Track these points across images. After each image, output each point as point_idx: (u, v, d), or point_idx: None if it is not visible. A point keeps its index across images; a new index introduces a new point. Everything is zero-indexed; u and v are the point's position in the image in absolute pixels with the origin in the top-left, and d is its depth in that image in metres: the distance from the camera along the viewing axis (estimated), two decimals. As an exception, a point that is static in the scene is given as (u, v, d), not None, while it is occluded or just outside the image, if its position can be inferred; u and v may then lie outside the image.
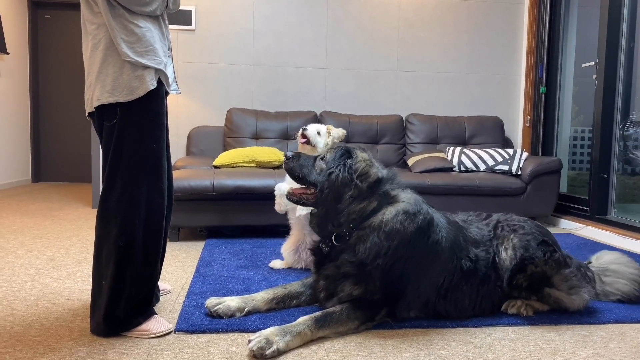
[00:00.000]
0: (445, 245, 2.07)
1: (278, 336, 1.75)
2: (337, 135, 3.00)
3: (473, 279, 2.11)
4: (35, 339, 1.83)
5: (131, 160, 1.83)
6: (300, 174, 2.10)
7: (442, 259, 2.05)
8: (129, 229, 1.83)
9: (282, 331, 1.78)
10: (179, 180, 3.43)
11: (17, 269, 2.73)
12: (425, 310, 2.07)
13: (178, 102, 4.80)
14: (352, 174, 2.03)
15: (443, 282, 2.06)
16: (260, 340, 1.71)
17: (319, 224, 2.11)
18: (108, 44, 1.82)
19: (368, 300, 1.98)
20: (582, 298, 2.14)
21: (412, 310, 2.07)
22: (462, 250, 2.12)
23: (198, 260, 2.98)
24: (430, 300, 2.06)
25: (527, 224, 2.25)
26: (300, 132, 2.95)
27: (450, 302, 2.08)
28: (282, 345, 1.74)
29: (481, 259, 2.14)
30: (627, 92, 4.18)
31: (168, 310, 2.15)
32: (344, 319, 1.92)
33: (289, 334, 1.78)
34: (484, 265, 2.14)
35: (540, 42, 5.03)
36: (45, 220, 4.18)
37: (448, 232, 2.11)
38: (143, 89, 1.83)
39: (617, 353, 1.83)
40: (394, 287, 2.00)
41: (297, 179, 2.13)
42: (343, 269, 2.01)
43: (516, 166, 4.27)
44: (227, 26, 4.93)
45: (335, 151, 2.12)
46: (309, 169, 2.10)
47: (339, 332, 1.90)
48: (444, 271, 2.06)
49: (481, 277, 2.12)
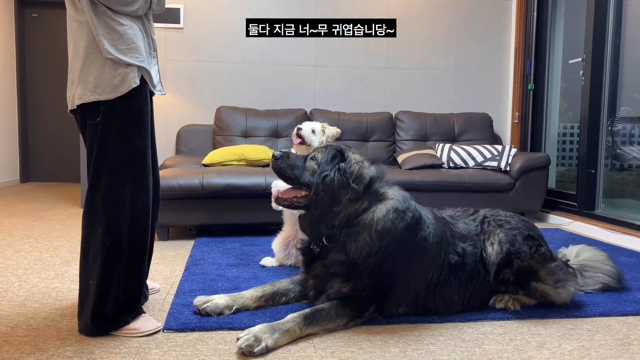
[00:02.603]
0: (433, 241, 2.08)
1: (267, 334, 1.75)
2: (331, 133, 3.00)
3: (461, 273, 2.12)
4: (23, 339, 1.81)
5: (115, 158, 1.82)
6: (291, 174, 2.06)
7: (430, 254, 2.07)
8: (114, 228, 1.82)
9: (271, 328, 1.78)
10: (168, 179, 3.41)
11: (4, 270, 2.71)
12: (415, 306, 2.08)
13: (167, 100, 4.78)
14: (348, 178, 2.01)
15: (432, 277, 2.07)
16: (248, 338, 1.72)
17: (312, 226, 2.09)
18: (90, 42, 1.81)
19: (357, 297, 1.99)
20: (569, 291, 2.16)
21: (401, 307, 2.08)
22: (450, 245, 2.13)
23: (187, 259, 2.97)
24: (420, 295, 2.07)
25: (513, 219, 2.27)
26: (294, 132, 2.93)
27: (439, 297, 2.09)
28: (270, 342, 1.74)
29: (469, 253, 2.16)
30: (614, 88, 4.22)
31: (157, 309, 2.14)
32: (333, 315, 1.92)
33: (278, 331, 1.78)
34: (472, 260, 2.15)
35: (528, 38, 5.07)
36: (33, 220, 4.15)
37: (435, 228, 2.12)
38: (126, 87, 1.81)
39: (602, 345, 1.85)
40: (382, 284, 2.01)
41: (287, 179, 2.09)
42: (333, 269, 2.02)
43: (505, 162, 4.29)
44: (216, 24, 4.92)
45: (327, 152, 2.09)
46: (300, 169, 2.06)
47: (327, 329, 1.91)
48: (432, 266, 2.07)
49: (469, 272, 2.14)
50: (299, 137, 2.91)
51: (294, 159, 2.10)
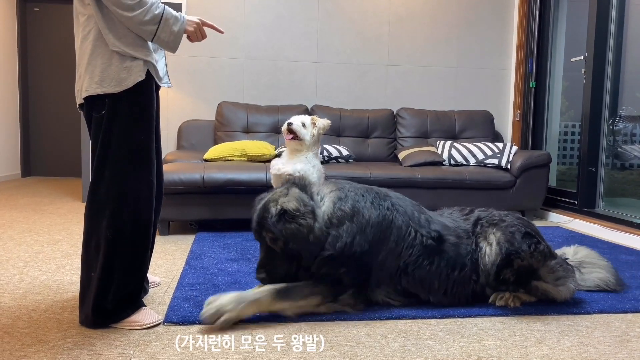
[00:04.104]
0: (396, 215, 2.11)
1: (232, 304, 1.84)
2: (321, 125, 2.99)
3: (438, 259, 2.12)
4: (24, 330, 1.82)
5: (119, 152, 1.83)
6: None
7: (396, 226, 2.10)
8: (117, 221, 1.83)
9: (238, 298, 1.86)
10: (169, 173, 3.41)
11: (5, 262, 2.72)
12: (392, 284, 2.10)
13: (168, 95, 4.78)
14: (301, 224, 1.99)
15: (402, 251, 2.09)
16: (211, 308, 1.82)
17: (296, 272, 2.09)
18: (97, 35, 1.81)
19: (334, 276, 2.02)
20: (569, 289, 2.17)
21: (380, 288, 2.09)
22: (422, 227, 2.15)
23: (188, 253, 2.98)
24: (392, 271, 2.09)
25: (508, 217, 2.27)
26: (285, 127, 2.92)
27: (415, 279, 2.09)
28: (234, 314, 1.82)
29: (449, 242, 2.16)
30: (616, 87, 4.22)
31: (157, 302, 2.15)
32: (306, 293, 1.97)
33: (245, 301, 1.86)
34: (453, 250, 2.15)
35: (530, 36, 5.06)
36: (34, 214, 4.16)
37: (397, 202, 2.16)
38: (131, 80, 1.82)
39: (601, 342, 1.86)
40: (358, 263, 2.04)
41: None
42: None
43: (506, 160, 4.29)
44: (218, 19, 4.86)
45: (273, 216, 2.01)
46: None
47: (299, 306, 1.95)
48: (400, 240, 2.09)
49: (449, 262, 2.13)
50: (290, 133, 2.90)
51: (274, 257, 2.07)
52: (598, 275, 2.43)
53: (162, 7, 1.85)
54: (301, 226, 1.99)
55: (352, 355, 1.69)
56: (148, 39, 1.85)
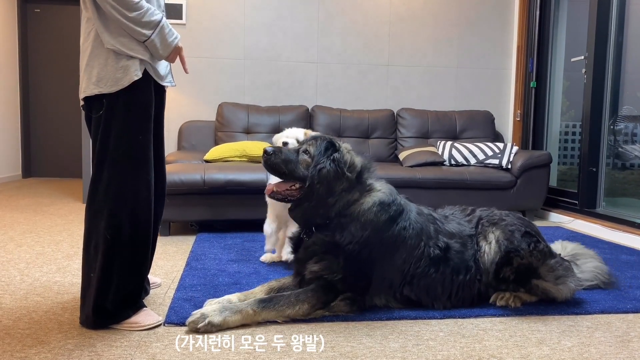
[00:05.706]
0: (412, 233, 2.11)
1: (216, 312, 1.84)
2: None
3: (444, 267, 2.12)
4: (24, 332, 1.82)
5: (117, 152, 1.83)
6: (286, 170, 2.09)
7: (408, 245, 2.09)
8: (116, 221, 1.83)
9: (222, 308, 1.87)
10: (169, 174, 3.40)
11: (6, 263, 2.72)
12: (392, 293, 2.10)
13: (169, 96, 4.72)
14: (342, 168, 2.06)
15: (409, 268, 2.09)
16: (195, 313, 1.85)
17: (305, 217, 2.12)
18: (96, 36, 1.82)
19: (327, 281, 2.01)
20: (569, 288, 2.17)
21: (380, 296, 2.10)
22: (431, 239, 2.15)
23: (189, 254, 2.98)
24: (395, 284, 2.09)
25: (508, 217, 2.27)
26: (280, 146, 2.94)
27: (420, 288, 2.10)
28: (217, 320, 1.82)
29: (454, 249, 2.16)
30: (616, 87, 4.21)
31: (158, 303, 2.15)
32: (292, 301, 1.96)
33: (229, 310, 1.86)
34: (458, 257, 2.15)
35: (531, 36, 5.05)
36: (35, 215, 4.16)
37: (416, 221, 2.16)
38: (127, 80, 1.82)
39: (602, 342, 1.86)
40: (360, 270, 2.04)
41: (282, 175, 2.12)
42: (311, 248, 2.08)
43: (506, 160, 4.29)
44: (218, 20, 4.91)
45: (318, 143, 2.12)
46: (294, 164, 2.09)
47: (286, 315, 1.94)
48: (409, 257, 2.09)
49: (454, 267, 2.14)
50: None
51: (287, 153, 2.12)
52: (593, 264, 2.47)
53: (160, 16, 1.85)
54: (337, 179, 2.04)
55: (352, 355, 1.69)
56: (140, 39, 1.84)
